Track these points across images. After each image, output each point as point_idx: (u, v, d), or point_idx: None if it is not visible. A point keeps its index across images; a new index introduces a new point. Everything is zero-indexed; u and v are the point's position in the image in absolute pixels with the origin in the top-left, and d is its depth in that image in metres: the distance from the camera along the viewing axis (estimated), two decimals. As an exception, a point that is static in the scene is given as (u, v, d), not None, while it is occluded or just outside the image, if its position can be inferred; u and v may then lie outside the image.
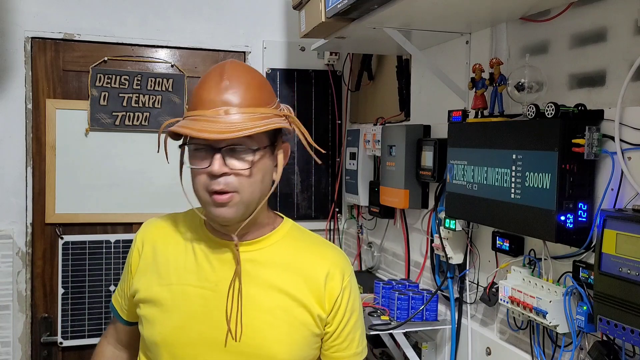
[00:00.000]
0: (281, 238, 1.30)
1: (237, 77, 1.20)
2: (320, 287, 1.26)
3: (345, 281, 1.29)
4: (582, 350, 1.36)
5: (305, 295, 1.25)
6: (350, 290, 1.30)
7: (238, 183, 1.18)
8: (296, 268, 1.27)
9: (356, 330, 1.32)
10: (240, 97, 1.18)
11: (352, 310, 1.31)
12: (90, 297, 2.54)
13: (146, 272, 1.32)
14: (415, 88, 2.21)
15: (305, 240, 1.34)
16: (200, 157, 1.19)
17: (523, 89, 1.44)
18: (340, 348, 1.30)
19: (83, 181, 2.55)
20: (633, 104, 1.26)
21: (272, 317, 1.23)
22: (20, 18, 2.46)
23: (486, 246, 1.72)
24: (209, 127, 1.14)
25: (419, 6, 1.54)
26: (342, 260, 1.33)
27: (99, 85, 2.56)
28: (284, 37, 2.82)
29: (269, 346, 1.22)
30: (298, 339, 1.24)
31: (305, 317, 1.25)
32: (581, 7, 1.42)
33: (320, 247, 1.33)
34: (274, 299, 1.24)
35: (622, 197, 1.27)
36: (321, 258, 1.30)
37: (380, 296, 2.01)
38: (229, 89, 1.18)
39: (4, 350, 2.41)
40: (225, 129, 1.13)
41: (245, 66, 1.26)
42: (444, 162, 1.79)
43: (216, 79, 1.19)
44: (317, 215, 2.88)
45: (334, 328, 1.28)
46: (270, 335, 1.22)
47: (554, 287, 1.39)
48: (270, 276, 1.25)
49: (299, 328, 1.24)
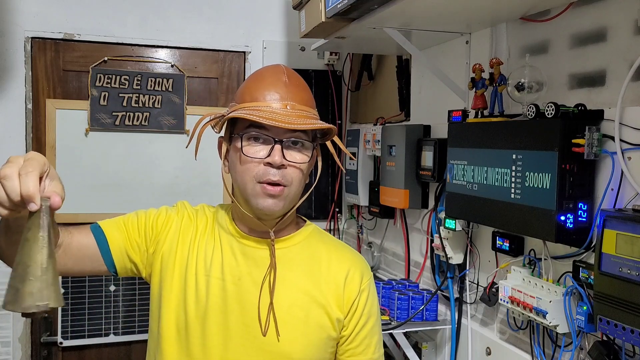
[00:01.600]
0: (304, 239, 1.30)
1: (295, 77, 1.24)
2: (339, 289, 1.26)
3: (364, 284, 1.29)
4: (582, 350, 1.36)
5: (325, 297, 1.25)
6: (369, 294, 1.29)
7: (291, 177, 1.19)
8: (317, 269, 1.27)
9: (373, 335, 1.30)
10: (300, 95, 1.21)
11: (370, 314, 1.29)
12: (90, 297, 2.54)
13: (181, 242, 1.27)
14: (415, 88, 2.21)
15: (327, 243, 1.34)
16: (256, 147, 1.19)
17: (523, 88, 1.44)
18: (356, 352, 1.28)
19: (83, 181, 2.55)
20: (633, 104, 1.26)
21: (291, 316, 1.23)
22: (20, 18, 2.46)
23: (486, 246, 1.72)
24: (280, 118, 1.15)
25: (419, 6, 1.54)
26: (362, 263, 1.33)
27: (99, 85, 2.56)
28: (284, 37, 2.83)
29: (284, 344, 1.22)
30: (314, 340, 1.24)
31: (323, 319, 1.24)
32: (581, 7, 1.42)
33: (341, 250, 1.33)
34: (294, 299, 1.24)
35: (622, 197, 1.27)
36: (342, 260, 1.30)
37: (381, 296, 2.00)
38: (289, 86, 1.21)
39: (4, 350, 2.41)
40: (294, 121, 1.16)
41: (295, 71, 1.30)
42: (444, 162, 1.79)
43: (276, 75, 1.22)
44: (317, 215, 2.88)
45: (350, 331, 1.27)
46: (287, 333, 1.22)
47: (554, 287, 1.39)
48: (291, 275, 1.25)
49: (315, 329, 1.24)
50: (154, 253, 1.28)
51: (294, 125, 1.15)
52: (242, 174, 1.20)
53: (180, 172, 2.67)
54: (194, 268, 1.25)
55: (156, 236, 1.29)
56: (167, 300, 1.25)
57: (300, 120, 1.17)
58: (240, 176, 1.21)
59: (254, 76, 1.27)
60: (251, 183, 1.19)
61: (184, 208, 1.33)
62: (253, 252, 1.25)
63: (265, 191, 1.18)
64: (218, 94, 2.74)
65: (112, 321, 2.57)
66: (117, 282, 2.57)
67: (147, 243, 1.29)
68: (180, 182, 2.65)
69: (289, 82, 1.21)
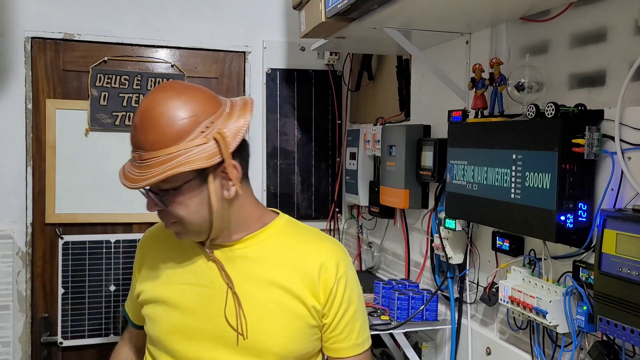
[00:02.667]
0: (274, 233, 1.33)
1: (148, 117, 1.18)
2: (314, 279, 1.27)
3: (340, 272, 1.30)
4: (582, 350, 1.36)
5: (299, 287, 1.27)
6: (347, 281, 1.31)
7: (177, 214, 1.22)
8: (289, 262, 1.29)
9: (355, 321, 1.33)
10: (147, 139, 1.17)
11: (350, 301, 1.31)
12: (90, 297, 2.54)
13: (148, 276, 1.36)
14: (415, 88, 2.21)
15: (300, 235, 1.35)
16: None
17: (523, 89, 1.44)
18: (339, 339, 1.31)
19: (83, 181, 2.55)
20: (633, 104, 1.26)
21: (266, 310, 1.25)
22: (20, 18, 2.46)
23: (486, 246, 1.72)
24: (129, 173, 1.20)
25: (419, 6, 1.54)
26: (338, 251, 1.34)
27: (99, 85, 2.56)
28: (284, 37, 2.82)
29: (264, 340, 1.25)
30: (293, 332, 1.27)
31: (299, 309, 1.27)
32: (581, 7, 1.42)
33: (315, 240, 1.35)
34: (267, 293, 1.26)
35: (622, 197, 1.27)
36: (315, 250, 1.31)
37: (381, 296, 2.01)
38: (140, 131, 1.19)
39: (4, 350, 2.41)
40: (137, 177, 1.18)
41: (164, 98, 1.20)
42: (444, 162, 1.79)
43: (135, 118, 1.22)
44: (317, 215, 2.88)
45: (331, 319, 1.30)
46: (265, 329, 1.25)
47: (554, 287, 1.40)
48: (262, 271, 1.28)
49: (293, 320, 1.27)
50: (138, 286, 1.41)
51: (134, 184, 1.18)
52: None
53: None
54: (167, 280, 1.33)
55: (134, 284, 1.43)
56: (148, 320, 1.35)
57: (146, 172, 1.16)
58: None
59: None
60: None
61: (136, 252, 1.45)
62: (221, 255, 1.30)
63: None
64: (218, 94, 2.74)
65: (112, 321, 2.57)
66: (117, 282, 2.57)
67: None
68: (180, 182, 2.65)
69: (140, 125, 1.18)
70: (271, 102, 2.80)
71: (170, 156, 1.15)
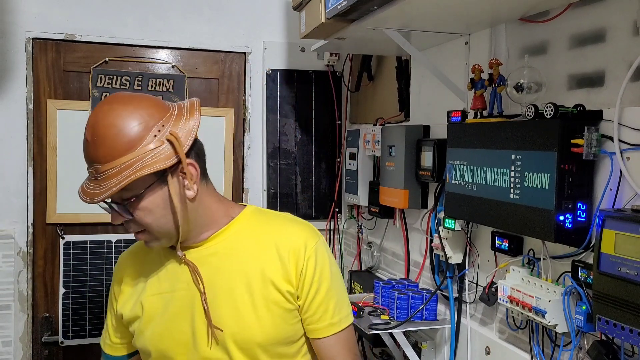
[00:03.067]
0: (242, 226, 1.34)
1: (97, 132, 1.20)
2: (285, 263, 1.29)
3: (308, 252, 1.30)
4: (581, 349, 1.36)
5: (272, 274, 1.29)
6: (316, 260, 1.31)
7: (140, 225, 1.24)
8: (260, 250, 1.31)
9: (329, 300, 1.32)
10: (101, 152, 1.19)
11: (320, 281, 1.31)
12: (91, 297, 2.55)
13: (129, 298, 1.38)
14: (415, 88, 2.21)
15: (268, 222, 1.37)
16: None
17: (522, 89, 1.44)
18: (313, 320, 1.32)
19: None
20: (632, 105, 1.26)
21: (244, 303, 1.28)
22: (21, 19, 2.46)
23: (485, 246, 1.72)
24: (87, 189, 1.21)
25: (419, 7, 1.55)
26: (305, 232, 1.34)
27: (100, 85, 2.56)
28: (284, 38, 2.83)
29: (246, 332, 1.27)
30: (269, 318, 1.28)
31: (273, 294, 1.28)
32: (580, 8, 1.42)
33: (282, 225, 1.36)
34: (242, 286, 1.29)
35: (620, 197, 1.27)
36: (284, 235, 1.33)
37: (380, 296, 2.01)
38: (92, 145, 1.21)
39: (5, 349, 2.42)
40: (96, 191, 1.19)
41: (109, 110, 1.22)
42: (444, 162, 1.79)
43: (86, 134, 1.23)
44: (317, 215, 2.89)
45: (303, 301, 1.31)
46: (246, 321, 1.27)
47: (553, 286, 1.40)
48: (235, 264, 1.30)
49: (271, 308, 1.28)
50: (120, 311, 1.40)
51: (94, 198, 1.19)
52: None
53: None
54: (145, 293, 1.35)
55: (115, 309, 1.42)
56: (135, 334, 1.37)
57: (104, 184, 1.18)
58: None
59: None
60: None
61: (112, 280, 1.45)
62: (193, 257, 1.32)
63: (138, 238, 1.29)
64: (219, 94, 2.75)
65: (113, 321, 2.57)
66: (118, 282, 2.58)
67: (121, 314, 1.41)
68: (181, 183, 2.65)
69: (92, 140, 1.21)
70: (271, 102, 2.81)
71: (127, 164, 1.17)
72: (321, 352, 1.34)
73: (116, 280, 1.43)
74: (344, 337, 1.34)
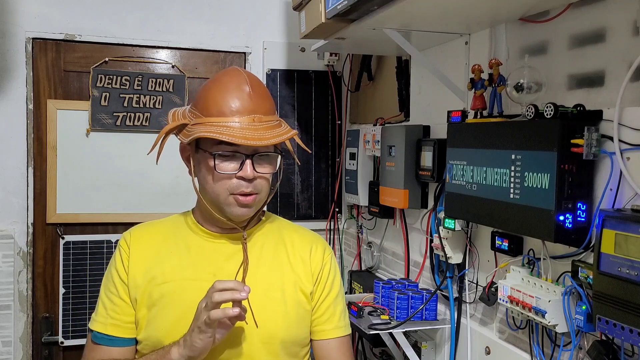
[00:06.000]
0: (269, 225, 1.41)
1: (257, 85, 1.27)
2: (306, 262, 1.36)
3: (326, 256, 1.40)
4: (581, 349, 1.36)
5: (296, 273, 1.34)
6: (331, 267, 1.40)
7: (261, 185, 1.28)
8: (285, 249, 1.37)
9: (337, 305, 1.40)
10: (264, 106, 1.26)
11: (332, 285, 1.40)
12: (91, 297, 2.54)
13: (140, 274, 1.33)
14: (415, 88, 2.21)
15: (286, 227, 1.45)
16: (227, 163, 1.25)
17: (522, 89, 1.44)
18: (321, 321, 1.37)
19: (84, 181, 2.56)
20: (632, 105, 1.26)
21: (268, 298, 1.31)
22: (21, 19, 2.47)
23: (485, 246, 1.72)
24: (250, 135, 1.20)
25: (419, 7, 1.55)
26: (323, 241, 1.46)
27: (100, 85, 2.56)
28: (284, 38, 2.83)
29: (268, 325, 1.28)
30: (294, 317, 1.32)
31: (298, 296, 1.34)
32: (580, 8, 1.42)
33: (301, 230, 1.46)
34: (269, 281, 1.32)
35: (620, 197, 1.27)
36: (303, 239, 1.42)
37: (380, 296, 2.01)
38: (254, 98, 1.24)
39: (5, 349, 2.42)
40: (265, 136, 1.21)
41: (252, 75, 1.32)
42: (444, 162, 1.79)
43: (240, 86, 1.24)
44: (317, 215, 2.89)
45: (315, 301, 1.36)
46: (268, 315, 1.29)
47: (553, 286, 1.40)
48: (263, 260, 1.34)
49: (293, 307, 1.32)
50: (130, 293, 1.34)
51: (265, 141, 1.21)
52: (215, 186, 1.27)
53: (180, 172, 2.64)
54: (162, 279, 1.31)
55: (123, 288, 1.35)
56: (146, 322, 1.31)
57: (269, 132, 1.22)
58: (212, 188, 1.27)
59: (216, 86, 1.27)
60: (224, 194, 1.26)
61: (118, 252, 1.38)
62: (225, 248, 1.33)
63: (238, 202, 1.26)
64: (218, 94, 2.75)
65: (113, 321, 2.57)
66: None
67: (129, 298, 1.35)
68: (181, 182, 2.65)
69: (253, 92, 1.25)
70: (271, 102, 2.81)
71: (279, 122, 1.29)
72: (323, 353, 1.37)
73: (125, 252, 1.35)
74: (347, 343, 1.40)
